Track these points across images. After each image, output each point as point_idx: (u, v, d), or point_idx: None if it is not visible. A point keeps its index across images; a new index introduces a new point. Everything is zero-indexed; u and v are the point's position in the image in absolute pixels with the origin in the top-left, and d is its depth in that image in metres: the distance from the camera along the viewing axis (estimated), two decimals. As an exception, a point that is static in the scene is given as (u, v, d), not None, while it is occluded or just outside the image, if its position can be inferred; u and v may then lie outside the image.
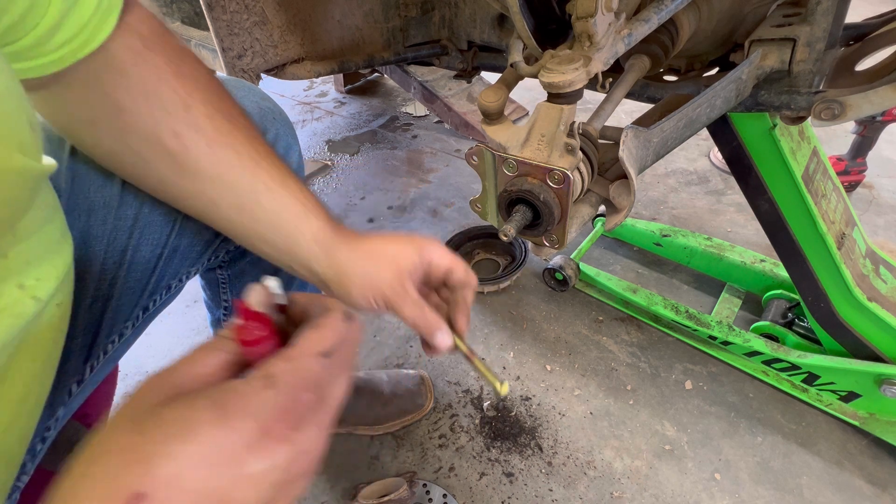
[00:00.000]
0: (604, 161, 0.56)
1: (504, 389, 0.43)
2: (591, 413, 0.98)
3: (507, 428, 0.96)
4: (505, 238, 0.49)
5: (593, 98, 2.14)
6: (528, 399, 1.01)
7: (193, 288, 0.70)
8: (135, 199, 0.46)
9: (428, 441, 0.96)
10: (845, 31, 0.67)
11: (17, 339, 0.29)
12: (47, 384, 0.34)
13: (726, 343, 1.02)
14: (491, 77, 1.93)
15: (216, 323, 0.74)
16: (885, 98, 0.58)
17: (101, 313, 0.46)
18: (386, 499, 0.79)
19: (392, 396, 0.97)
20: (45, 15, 0.31)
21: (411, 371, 1.03)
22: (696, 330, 1.05)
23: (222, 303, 0.69)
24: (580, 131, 0.49)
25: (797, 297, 0.94)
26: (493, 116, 0.56)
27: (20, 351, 0.30)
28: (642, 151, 0.51)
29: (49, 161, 0.33)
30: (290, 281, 0.65)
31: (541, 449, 0.93)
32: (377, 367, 1.11)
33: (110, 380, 0.59)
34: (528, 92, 2.24)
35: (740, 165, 0.84)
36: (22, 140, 0.27)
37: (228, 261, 0.62)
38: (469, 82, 1.14)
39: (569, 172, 0.46)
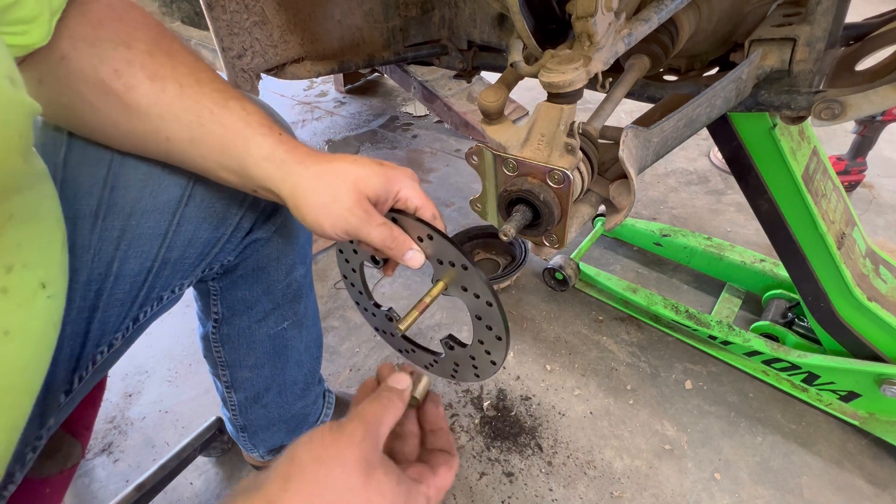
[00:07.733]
0: (604, 161, 0.56)
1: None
2: (590, 413, 0.99)
3: (507, 428, 0.96)
4: (505, 238, 0.49)
5: (593, 98, 2.15)
6: (528, 399, 1.01)
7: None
8: (121, 211, 0.44)
9: (428, 441, 0.96)
10: (845, 30, 0.67)
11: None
12: (38, 379, 0.33)
13: (726, 343, 1.02)
14: (491, 77, 1.93)
15: (205, 338, 0.70)
16: (885, 98, 0.58)
17: (88, 323, 0.45)
18: None
19: None
20: None
21: None
22: (696, 330, 1.05)
23: (212, 315, 0.66)
24: (580, 131, 0.49)
25: (797, 296, 0.94)
26: (493, 116, 0.56)
27: (9, 338, 0.29)
28: (642, 151, 0.51)
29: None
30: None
31: (541, 449, 0.93)
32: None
33: (98, 389, 0.56)
34: (528, 92, 2.24)
35: (740, 165, 0.84)
36: (10, 69, 0.27)
37: (222, 273, 0.60)
38: (469, 82, 1.14)
39: (569, 172, 0.46)
